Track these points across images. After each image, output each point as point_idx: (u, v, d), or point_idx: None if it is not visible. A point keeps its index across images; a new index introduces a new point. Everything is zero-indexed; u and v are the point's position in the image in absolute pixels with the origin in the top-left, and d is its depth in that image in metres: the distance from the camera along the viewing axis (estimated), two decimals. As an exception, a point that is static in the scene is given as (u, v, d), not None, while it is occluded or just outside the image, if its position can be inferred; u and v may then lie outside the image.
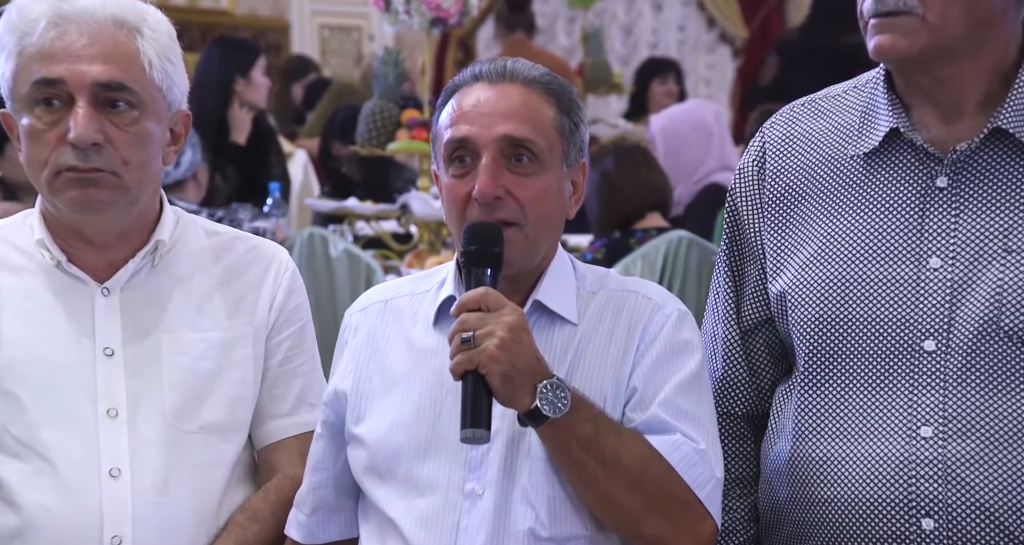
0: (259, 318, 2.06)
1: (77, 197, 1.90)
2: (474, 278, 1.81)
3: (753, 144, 2.07)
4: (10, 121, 1.97)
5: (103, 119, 1.89)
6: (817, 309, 1.92)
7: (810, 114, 2.03)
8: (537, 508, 1.82)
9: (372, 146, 5.09)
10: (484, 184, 1.84)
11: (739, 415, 2.08)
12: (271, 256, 2.11)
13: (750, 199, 2.04)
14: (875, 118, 1.93)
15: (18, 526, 1.90)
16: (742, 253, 2.06)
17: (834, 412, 1.91)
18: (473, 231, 1.83)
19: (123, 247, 1.99)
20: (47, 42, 1.88)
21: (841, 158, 1.96)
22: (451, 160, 1.89)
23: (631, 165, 4.61)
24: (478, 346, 1.71)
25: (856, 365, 1.90)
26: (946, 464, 1.82)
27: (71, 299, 1.97)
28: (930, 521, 1.82)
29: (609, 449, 1.78)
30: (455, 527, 1.82)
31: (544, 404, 1.73)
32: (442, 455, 1.85)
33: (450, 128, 1.88)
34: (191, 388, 1.99)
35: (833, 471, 1.89)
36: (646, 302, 1.92)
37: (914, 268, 1.87)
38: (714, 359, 2.09)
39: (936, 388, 1.84)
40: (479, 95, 1.89)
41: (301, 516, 1.99)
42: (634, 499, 1.79)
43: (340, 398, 1.95)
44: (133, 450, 1.94)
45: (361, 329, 1.98)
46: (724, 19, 10.62)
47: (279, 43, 10.83)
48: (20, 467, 1.92)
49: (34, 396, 1.93)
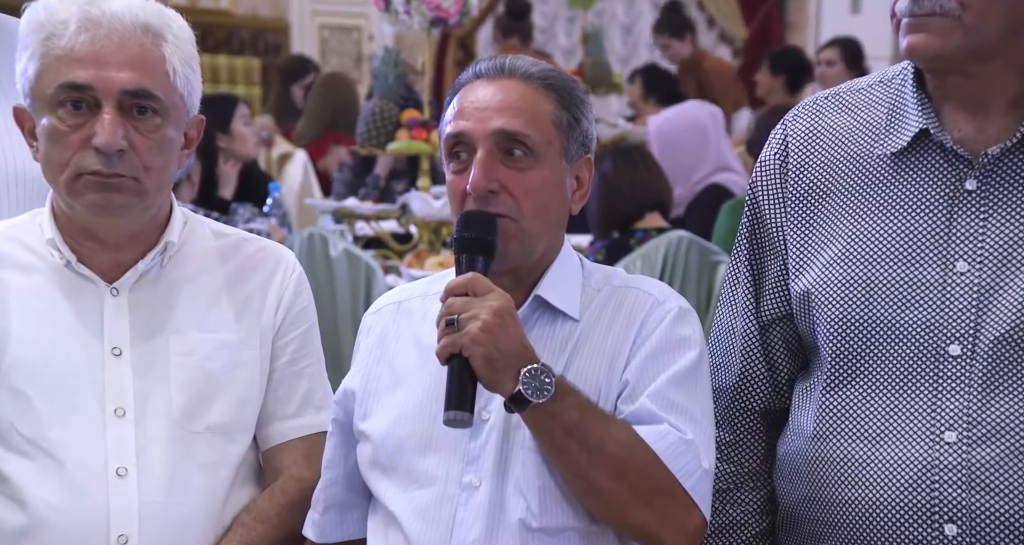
0: (266, 319, 2.07)
1: (97, 200, 1.91)
2: (464, 265, 1.82)
3: (775, 137, 2.04)
4: (23, 117, 1.98)
5: (128, 125, 1.90)
6: (842, 309, 1.90)
7: (834, 108, 1.99)
8: (528, 499, 1.83)
9: (372, 146, 5.09)
10: (476, 178, 1.85)
11: (757, 410, 2.07)
12: (278, 258, 2.12)
13: (772, 194, 2.01)
14: (903, 117, 1.90)
15: (25, 524, 1.91)
16: (763, 248, 2.04)
17: (857, 413, 1.90)
18: (466, 219, 1.85)
19: (134, 248, 2.00)
20: (77, 46, 1.88)
21: (868, 156, 1.93)
22: (451, 156, 1.91)
23: (630, 165, 4.61)
24: (461, 329, 1.73)
25: (880, 367, 1.88)
26: (970, 469, 1.80)
27: (80, 299, 1.98)
28: (953, 527, 1.80)
29: (593, 436, 1.78)
30: (451, 519, 1.83)
31: (527, 389, 1.74)
32: (442, 449, 1.87)
33: (449, 124, 1.91)
34: (198, 388, 2.00)
35: (855, 472, 1.88)
36: (646, 297, 1.93)
37: (940, 271, 1.84)
38: (731, 354, 2.07)
39: (961, 393, 1.82)
40: (478, 92, 1.91)
41: (315, 515, 2.01)
42: (619, 486, 1.79)
43: (349, 396, 1.97)
44: (140, 449, 1.95)
45: (374, 330, 2.00)
46: (724, 19, 10.62)
47: (279, 43, 10.85)
48: (28, 465, 1.93)
49: (42, 395, 1.94)
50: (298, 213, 6.47)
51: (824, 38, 8.65)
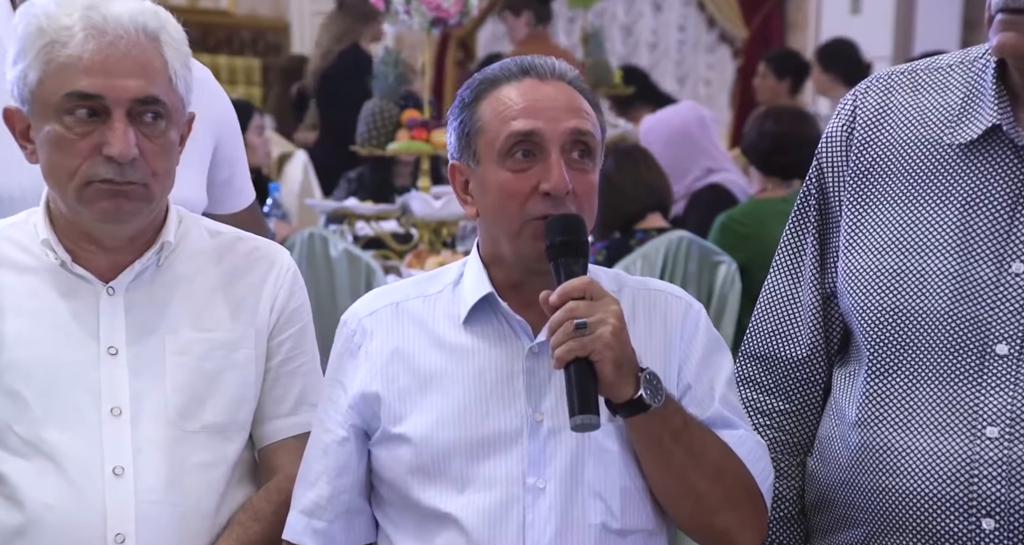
0: (261, 319, 2.07)
1: (108, 208, 1.92)
2: (563, 267, 1.80)
3: (844, 108, 1.99)
4: (14, 119, 1.97)
5: (136, 132, 1.90)
6: (892, 297, 1.88)
7: (909, 87, 1.94)
8: (608, 501, 1.84)
9: (372, 146, 5.09)
10: (560, 178, 1.83)
11: (819, 383, 2.05)
12: (273, 257, 2.12)
13: (836, 167, 1.98)
14: (978, 107, 1.85)
15: (22, 524, 1.92)
16: (828, 219, 2.00)
17: (900, 403, 1.88)
18: (557, 223, 1.83)
19: (131, 249, 2.00)
20: (85, 54, 1.88)
21: (935, 143, 1.88)
22: (509, 154, 1.87)
23: (631, 165, 4.60)
24: (592, 332, 1.72)
25: (926, 358, 1.86)
26: (1011, 465, 1.79)
27: (75, 298, 1.98)
28: (991, 521, 1.80)
29: (696, 440, 1.82)
30: (521, 521, 1.83)
31: (647, 393, 1.75)
32: (497, 452, 1.86)
33: (511, 121, 1.86)
34: (193, 388, 2.00)
35: (894, 461, 1.87)
36: (676, 301, 1.96)
37: (995, 270, 1.82)
38: (795, 325, 2.04)
39: (1005, 390, 1.80)
40: (537, 90, 1.88)
41: (319, 523, 1.95)
42: (715, 491, 1.83)
43: (369, 400, 1.92)
44: (136, 449, 1.95)
45: (376, 332, 1.96)
46: (724, 19, 10.62)
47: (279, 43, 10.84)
48: (24, 465, 1.93)
49: (38, 395, 1.94)
50: (298, 213, 6.47)
51: (824, 38, 8.64)
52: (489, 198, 1.89)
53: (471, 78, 1.96)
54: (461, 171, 1.94)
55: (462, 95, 1.93)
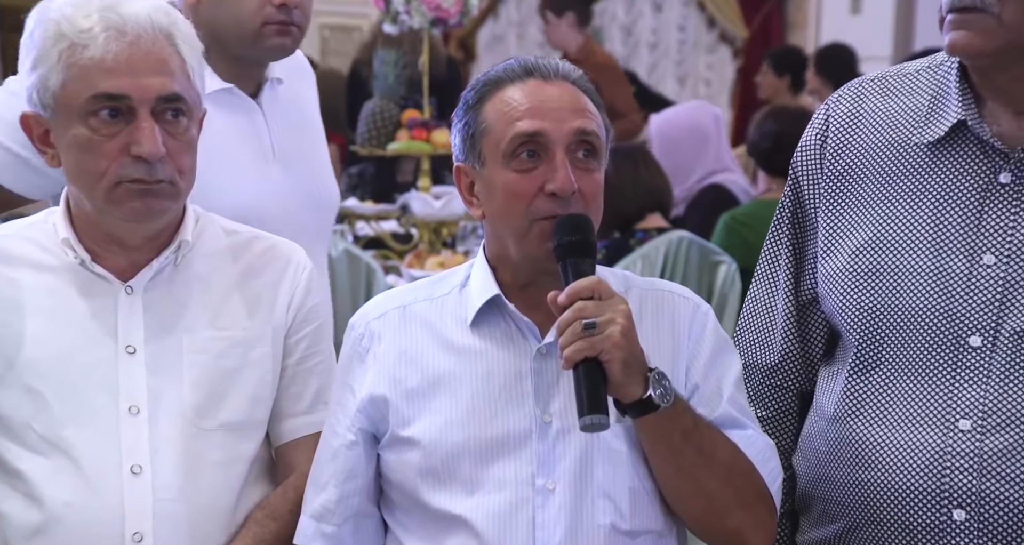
0: (277, 317, 2.07)
1: (139, 207, 1.93)
2: (572, 267, 1.80)
3: (817, 117, 2.04)
4: (32, 123, 1.97)
5: (161, 130, 1.91)
6: (870, 296, 1.92)
7: (878, 92, 1.99)
8: (617, 502, 1.84)
9: (372, 146, 5.10)
10: (566, 179, 1.84)
11: (793, 390, 2.09)
12: (288, 255, 2.13)
13: (811, 174, 2.02)
14: (944, 106, 1.90)
15: (41, 522, 1.92)
16: (804, 227, 2.05)
17: (878, 398, 1.92)
18: (565, 223, 1.83)
19: (150, 248, 2.01)
20: (109, 56, 1.89)
21: (905, 144, 1.93)
22: (514, 155, 1.87)
23: (631, 166, 4.59)
24: (601, 332, 1.72)
25: (904, 353, 1.89)
26: (982, 457, 1.82)
27: (94, 297, 1.99)
28: (962, 512, 1.83)
29: (706, 441, 1.82)
30: (531, 522, 1.83)
31: (656, 392, 1.75)
32: (506, 453, 1.86)
33: (516, 122, 1.86)
34: (211, 386, 2.01)
35: (869, 455, 1.90)
36: (684, 301, 1.96)
37: (967, 262, 1.85)
38: (770, 332, 2.09)
39: (978, 383, 1.83)
40: (542, 91, 1.89)
41: (328, 527, 1.95)
42: (726, 491, 1.83)
43: (377, 403, 1.93)
44: (154, 447, 1.96)
45: (384, 335, 1.96)
46: (724, 19, 10.61)
47: (280, 44, 10.81)
48: (43, 463, 1.94)
49: (57, 393, 1.95)
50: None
51: (824, 38, 8.65)
52: (495, 199, 1.89)
53: (475, 79, 1.96)
54: (466, 173, 1.94)
55: (466, 97, 1.93)
